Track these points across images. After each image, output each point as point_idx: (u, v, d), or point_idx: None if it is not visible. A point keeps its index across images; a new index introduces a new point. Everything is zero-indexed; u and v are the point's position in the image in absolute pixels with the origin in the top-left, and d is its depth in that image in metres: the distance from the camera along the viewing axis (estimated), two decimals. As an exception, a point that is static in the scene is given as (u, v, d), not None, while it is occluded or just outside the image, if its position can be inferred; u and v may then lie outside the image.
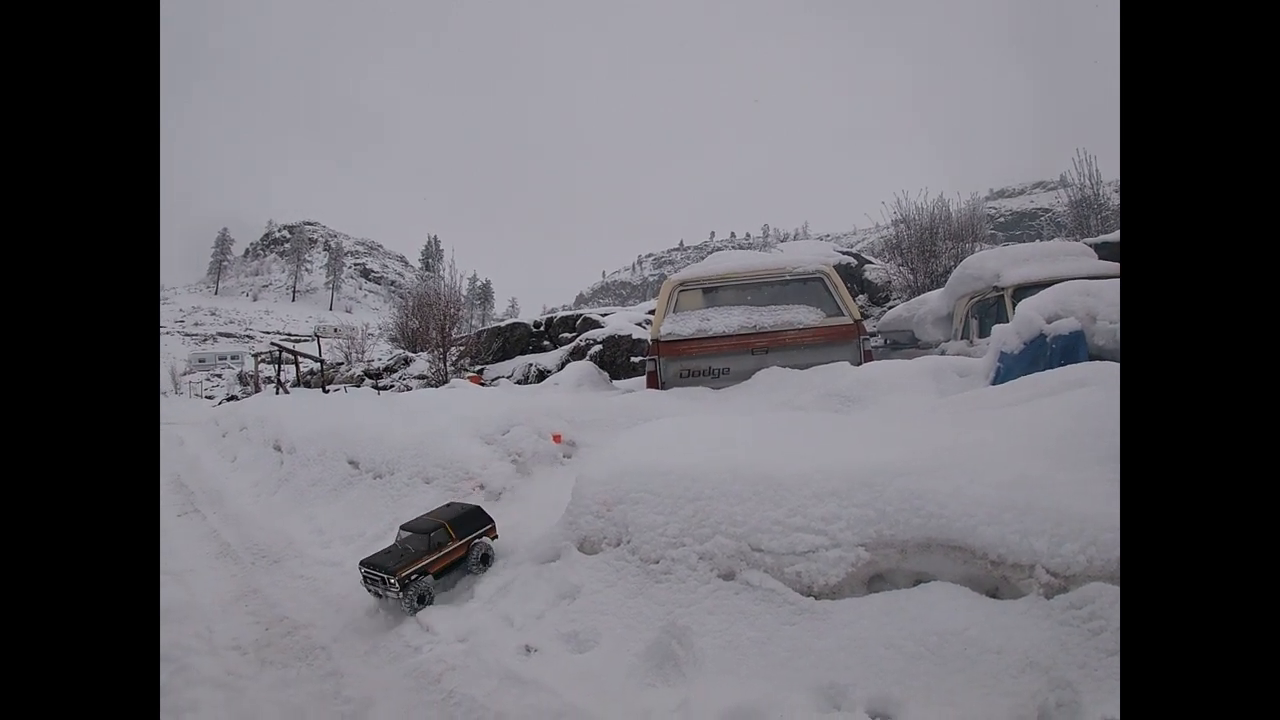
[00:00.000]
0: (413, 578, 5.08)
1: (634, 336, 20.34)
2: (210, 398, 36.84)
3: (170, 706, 4.16)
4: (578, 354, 20.30)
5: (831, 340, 9.84)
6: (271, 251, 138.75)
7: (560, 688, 3.83)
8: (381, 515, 6.87)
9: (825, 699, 3.37)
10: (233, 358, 65.20)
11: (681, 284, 10.57)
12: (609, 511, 4.83)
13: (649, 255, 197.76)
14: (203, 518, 8.96)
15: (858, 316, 9.94)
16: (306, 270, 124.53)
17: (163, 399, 41.37)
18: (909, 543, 3.84)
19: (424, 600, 5.07)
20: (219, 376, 56.04)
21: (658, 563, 4.41)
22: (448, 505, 5.84)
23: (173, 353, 72.49)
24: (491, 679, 4.05)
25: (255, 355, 40.21)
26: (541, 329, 23.63)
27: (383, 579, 5.05)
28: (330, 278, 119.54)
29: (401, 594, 4.96)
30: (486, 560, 5.50)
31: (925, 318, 14.82)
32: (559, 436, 7.88)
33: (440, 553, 5.29)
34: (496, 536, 5.73)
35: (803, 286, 10.25)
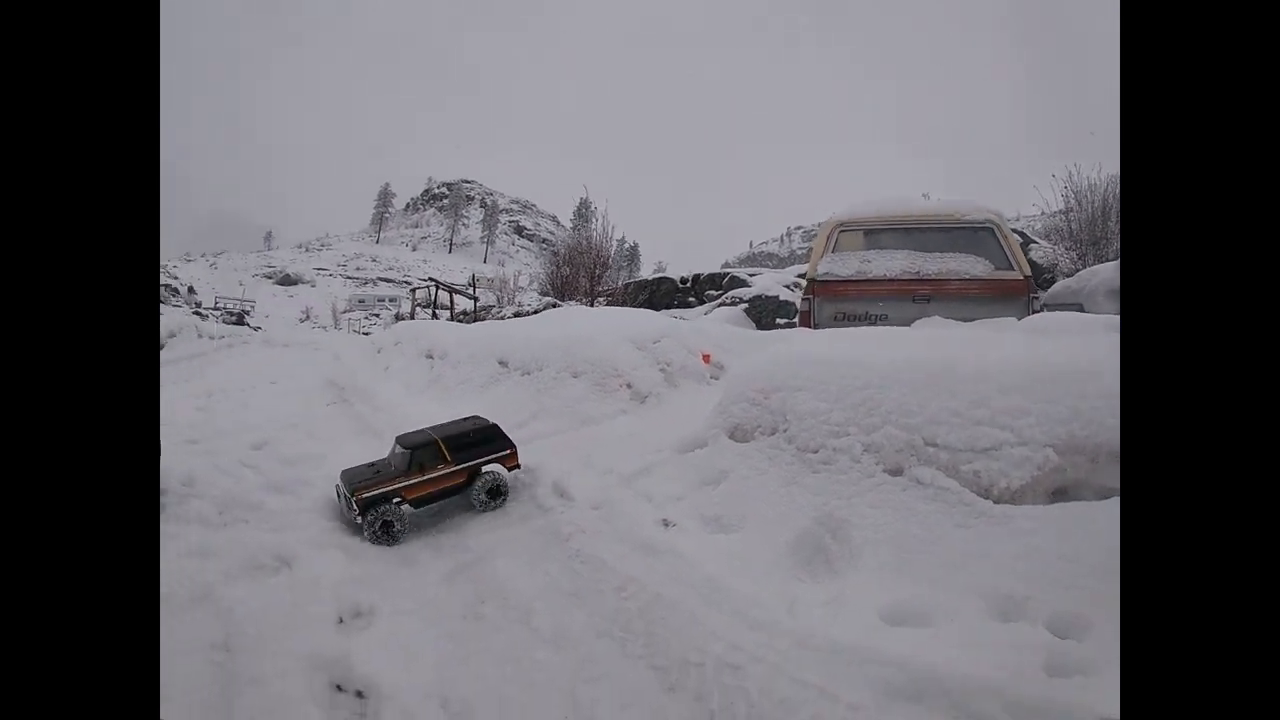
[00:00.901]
0: (379, 502, 4.36)
1: (781, 298, 19.74)
2: (366, 334, 38.97)
3: (283, 524, 4.38)
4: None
5: (998, 295, 9.05)
6: (430, 206, 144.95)
7: (698, 561, 3.62)
8: (525, 405, 6.88)
9: (999, 609, 2.99)
10: (390, 300, 68.90)
11: (842, 224, 9.96)
12: (766, 399, 4.53)
13: (798, 227, 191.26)
14: (350, 406, 9.26)
15: (1028, 272, 9.09)
16: (463, 225, 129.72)
17: (322, 333, 44.09)
18: (1103, 448, 3.36)
19: (389, 531, 4.35)
20: (376, 316, 59.58)
21: (816, 452, 4.09)
22: (464, 418, 5.25)
23: (335, 292, 77.70)
24: (623, 545, 3.89)
25: (412, 289, 42.23)
26: (688, 285, 23.32)
27: (345, 496, 4.46)
28: (485, 233, 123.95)
29: (360, 518, 4.32)
30: (496, 494, 4.71)
31: (1097, 289, 13.51)
32: (708, 357, 7.65)
33: (421, 476, 4.54)
34: (518, 466, 4.90)
35: (971, 235, 9.47)
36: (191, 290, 54.59)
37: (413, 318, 34.00)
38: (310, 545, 4.09)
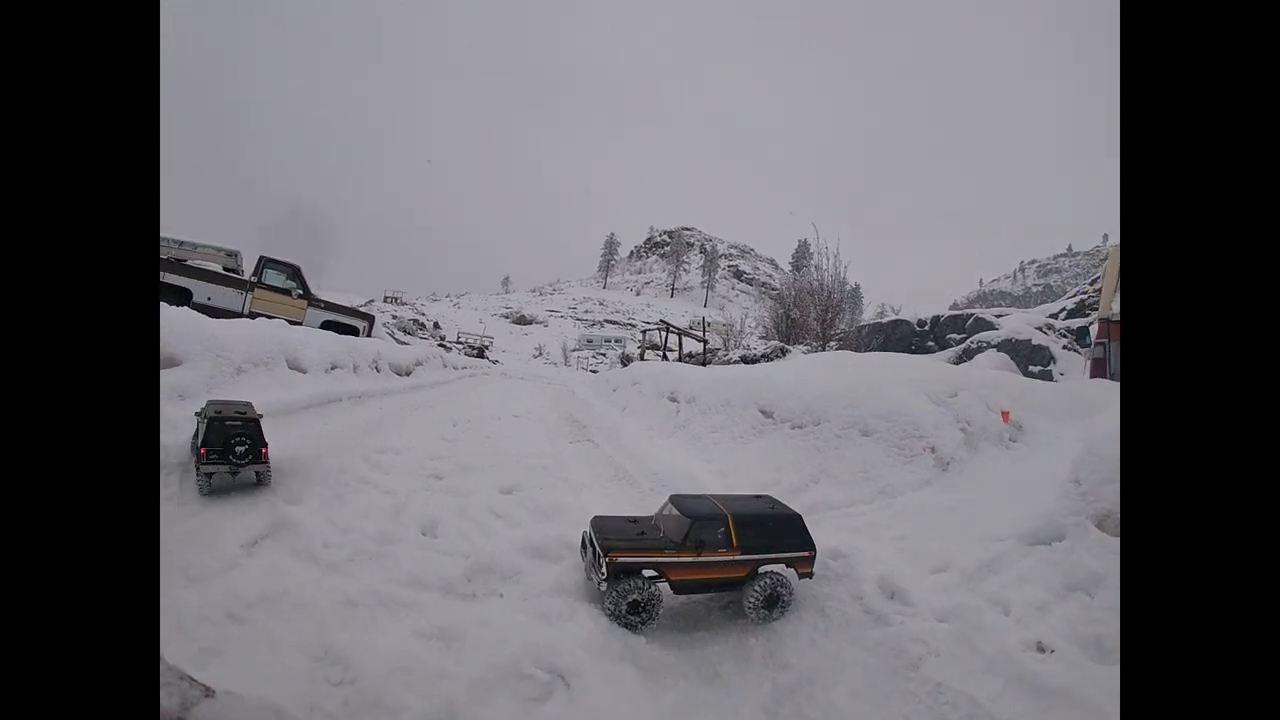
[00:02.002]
0: (632, 572, 3.51)
1: (1034, 342, 17.68)
2: (593, 371, 40.48)
3: (550, 611, 3.53)
4: (967, 356, 18.13)
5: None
6: (653, 254, 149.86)
7: (1098, 708, 2.63)
8: (802, 467, 5.99)
9: None
10: (616, 340, 71.00)
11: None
12: (1155, 481, 3.39)
13: (1032, 262, 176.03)
14: (595, 446, 8.87)
15: None
16: (684, 270, 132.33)
17: (552, 369, 46.20)
18: None
19: (638, 613, 3.50)
20: (603, 355, 61.47)
21: (1236, 559, 2.93)
22: (756, 496, 4.18)
23: (564, 332, 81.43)
24: (995, 678, 2.92)
25: (643, 331, 43.11)
26: (926, 328, 21.98)
27: (594, 552, 3.62)
28: (705, 278, 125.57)
29: (606, 584, 3.49)
30: (773, 604, 3.69)
31: None
32: (1007, 414, 6.44)
33: (695, 557, 3.61)
34: (810, 574, 3.82)
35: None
36: (437, 325, 59.14)
37: (642, 358, 34.55)
38: (591, 652, 3.19)
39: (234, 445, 4.56)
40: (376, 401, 10.75)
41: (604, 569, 3.48)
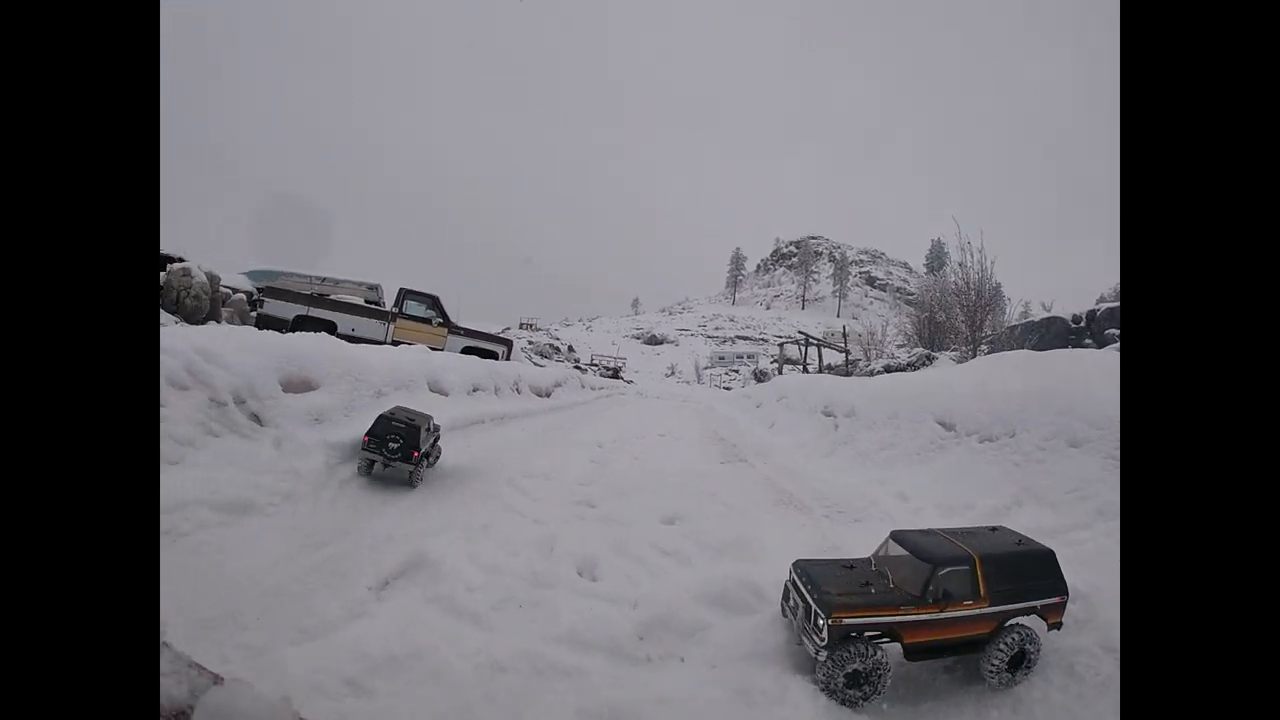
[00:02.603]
0: (857, 635, 2.83)
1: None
2: (727, 389, 40.06)
3: (752, 685, 2.95)
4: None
5: None
6: (780, 266, 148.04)
7: None
8: (998, 485, 5.31)
9: None
10: (748, 356, 70.36)
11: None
12: None
13: None
14: (750, 466, 8.38)
15: None
16: (814, 281, 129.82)
17: (686, 387, 45.89)
18: None
19: (860, 685, 2.80)
20: (735, 372, 61.03)
21: None
22: (992, 528, 3.41)
23: (696, 350, 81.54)
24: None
25: (781, 345, 42.41)
26: (1081, 324, 20.41)
27: (807, 608, 2.95)
28: (836, 286, 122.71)
29: (827, 653, 2.80)
30: (1019, 663, 2.97)
31: None
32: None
33: (939, 613, 2.89)
34: (1059, 623, 3.11)
35: None
36: (571, 349, 60.44)
37: (780, 372, 33.84)
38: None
39: (389, 441, 5.33)
40: (518, 422, 10.72)
41: (824, 634, 2.80)
